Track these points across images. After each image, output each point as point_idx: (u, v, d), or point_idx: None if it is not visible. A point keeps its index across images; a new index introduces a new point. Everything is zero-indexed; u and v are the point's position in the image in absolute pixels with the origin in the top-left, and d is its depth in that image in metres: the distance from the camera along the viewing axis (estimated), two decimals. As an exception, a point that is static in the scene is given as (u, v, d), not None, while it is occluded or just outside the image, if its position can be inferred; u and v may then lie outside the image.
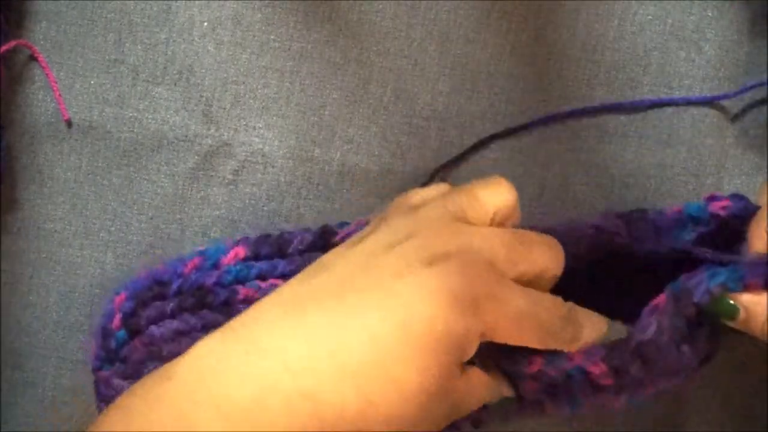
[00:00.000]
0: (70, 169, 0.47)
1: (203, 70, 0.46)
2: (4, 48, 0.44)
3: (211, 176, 0.47)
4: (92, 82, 0.46)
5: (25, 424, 0.47)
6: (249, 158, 0.47)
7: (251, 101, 0.46)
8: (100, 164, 0.47)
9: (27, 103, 0.46)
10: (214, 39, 0.46)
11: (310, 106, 0.46)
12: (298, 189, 0.47)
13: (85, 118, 0.46)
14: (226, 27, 0.46)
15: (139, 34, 0.46)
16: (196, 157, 0.47)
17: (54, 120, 0.46)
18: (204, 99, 0.46)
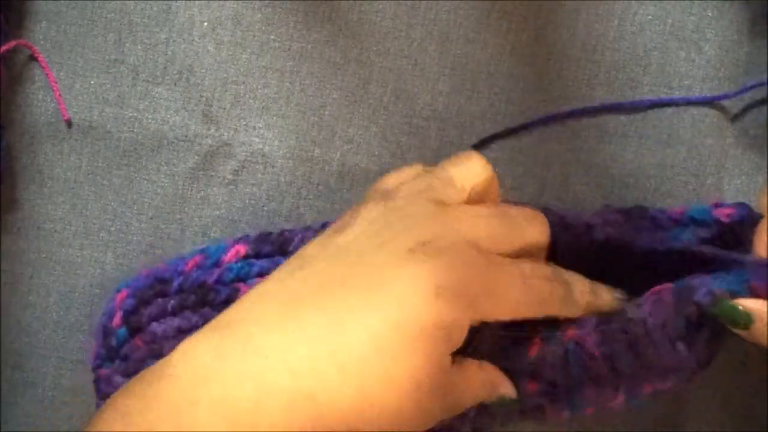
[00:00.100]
0: (70, 169, 0.47)
1: (203, 70, 0.46)
2: (4, 48, 0.44)
3: (211, 176, 0.47)
4: (92, 82, 0.46)
5: (25, 424, 0.47)
6: (249, 158, 0.47)
7: (251, 101, 0.46)
8: (100, 164, 0.47)
9: (27, 103, 0.46)
10: (214, 39, 0.46)
11: (310, 106, 0.46)
12: (298, 189, 0.47)
13: (85, 118, 0.46)
14: (226, 27, 0.46)
15: (139, 34, 0.46)
16: (196, 157, 0.47)
17: (54, 120, 0.46)
18: (204, 99, 0.46)
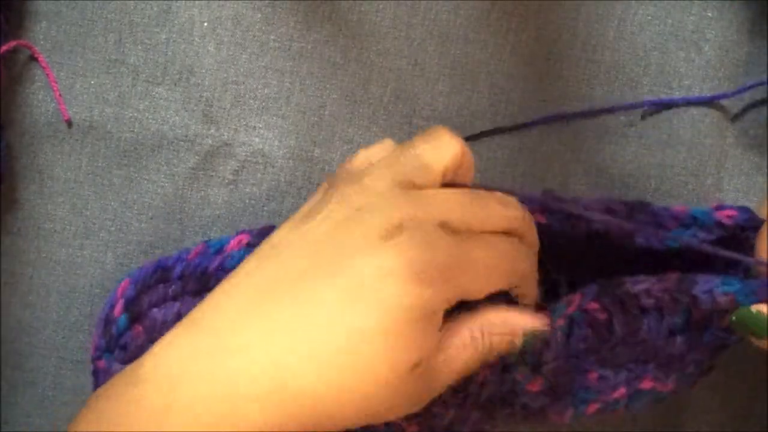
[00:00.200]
0: (70, 169, 0.47)
1: (203, 70, 0.46)
2: (4, 48, 0.44)
3: (211, 176, 0.47)
4: (92, 82, 0.46)
5: (25, 424, 0.47)
6: (249, 158, 0.47)
7: (251, 101, 0.46)
8: (100, 164, 0.47)
9: (27, 103, 0.46)
10: (214, 39, 0.46)
11: (310, 106, 0.46)
12: (298, 189, 0.47)
13: (85, 118, 0.46)
14: (226, 27, 0.46)
15: (139, 34, 0.46)
16: (196, 157, 0.47)
17: (54, 120, 0.46)
18: (204, 99, 0.46)
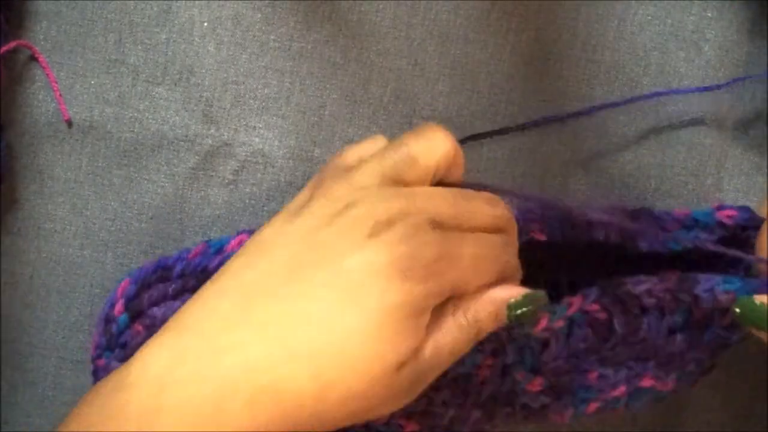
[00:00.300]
0: (70, 169, 0.47)
1: (203, 70, 0.46)
2: (4, 48, 0.44)
3: (211, 176, 0.47)
4: (92, 82, 0.46)
5: (25, 424, 0.47)
6: (249, 158, 0.47)
7: (251, 101, 0.46)
8: (100, 164, 0.47)
9: (27, 103, 0.46)
10: (214, 39, 0.46)
11: (310, 106, 0.46)
12: (298, 189, 0.46)
13: (86, 118, 0.46)
14: (226, 27, 0.46)
15: (139, 34, 0.46)
16: (196, 157, 0.47)
17: (54, 120, 0.46)
18: (204, 99, 0.46)
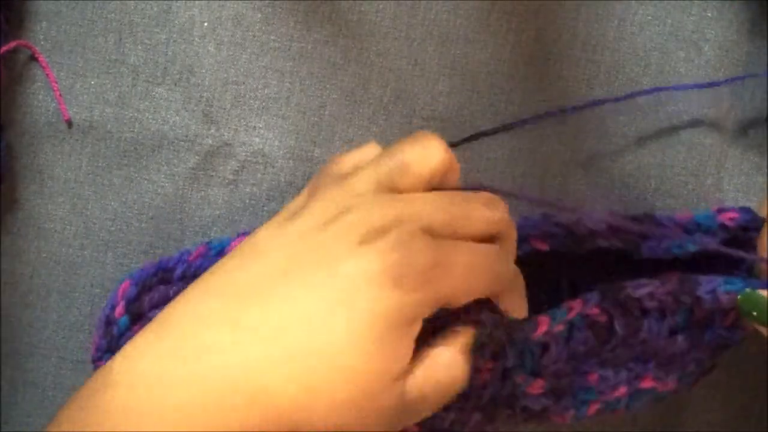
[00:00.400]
0: (70, 169, 0.47)
1: (203, 71, 0.46)
2: (4, 48, 0.44)
3: (211, 176, 0.47)
4: (92, 82, 0.46)
5: (25, 424, 0.47)
6: (249, 158, 0.47)
7: (251, 101, 0.46)
8: (100, 164, 0.47)
9: (27, 103, 0.46)
10: (214, 39, 0.46)
11: (310, 106, 0.46)
12: (298, 189, 0.47)
13: (86, 118, 0.46)
14: (226, 27, 0.46)
15: (139, 34, 0.46)
16: (196, 157, 0.47)
17: (54, 120, 0.46)
18: (204, 99, 0.46)
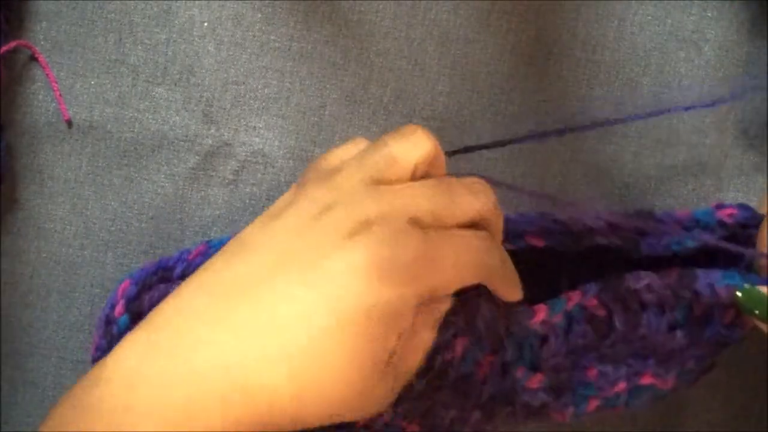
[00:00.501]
0: (70, 169, 0.47)
1: (203, 70, 0.46)
2: (4, 48, 0.44)
3: (211, 176, 0.47)
4: (92, 82, 0.46)
5: (25, 424, 0.47)
6: (249, 158, 0.47)
7: (251, 101, 0.46)
8: (100, 164, 0.47)
9: (27, 103, 0.46)
10: (214, 39, 0.46)
11: (310, 106, 0.46)
12: (298, 189, 0.47)
13: (86, 118, 0.46)
14: (226, 27, 0.46)
15: (139, 34, 0.46)
16: (196, 157, 0.47)
17: (54, 120, 0.46)
18: (204, 99, 0.46)
